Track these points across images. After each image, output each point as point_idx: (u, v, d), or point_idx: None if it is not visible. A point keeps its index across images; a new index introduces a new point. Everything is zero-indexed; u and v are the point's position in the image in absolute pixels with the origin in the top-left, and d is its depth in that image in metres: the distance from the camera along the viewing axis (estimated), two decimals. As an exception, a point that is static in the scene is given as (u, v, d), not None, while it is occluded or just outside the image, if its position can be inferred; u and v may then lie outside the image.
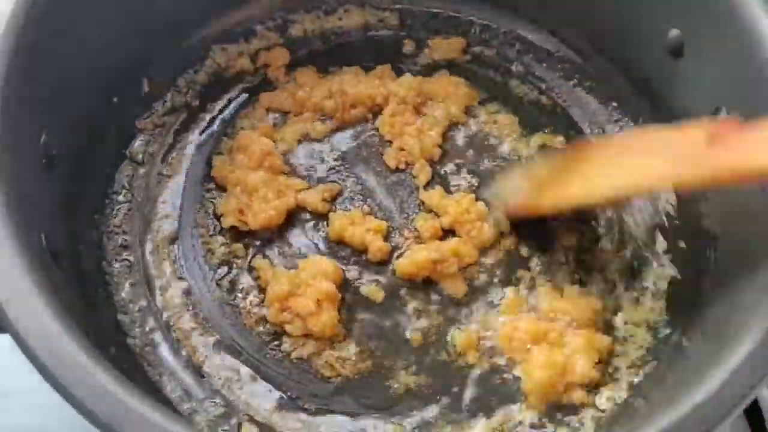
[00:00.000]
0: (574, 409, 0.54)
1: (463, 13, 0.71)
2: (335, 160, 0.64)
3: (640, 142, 0.52)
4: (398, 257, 0.59)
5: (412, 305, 0.58)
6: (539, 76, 0.68)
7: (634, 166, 0.48)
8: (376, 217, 0.60)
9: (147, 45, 0.63)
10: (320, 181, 0.62)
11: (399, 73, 0.67)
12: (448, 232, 0.60)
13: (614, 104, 0.67)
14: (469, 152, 0.64)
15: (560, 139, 0.65)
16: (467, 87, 0.67)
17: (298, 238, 0.60)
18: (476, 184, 0.62)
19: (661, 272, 0.59)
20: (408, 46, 0.69)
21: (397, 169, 0.63)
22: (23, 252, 0.43)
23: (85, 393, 0.39)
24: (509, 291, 0.58)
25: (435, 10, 0.71)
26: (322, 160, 0.63)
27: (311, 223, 0.61)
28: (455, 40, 0.70)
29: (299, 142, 0.64)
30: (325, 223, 0.60)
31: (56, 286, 0.44)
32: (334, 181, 0.62)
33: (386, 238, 0.60)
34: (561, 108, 0.67)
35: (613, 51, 0.67)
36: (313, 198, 0.61)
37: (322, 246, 0.60)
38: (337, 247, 0.60)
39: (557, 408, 0.54)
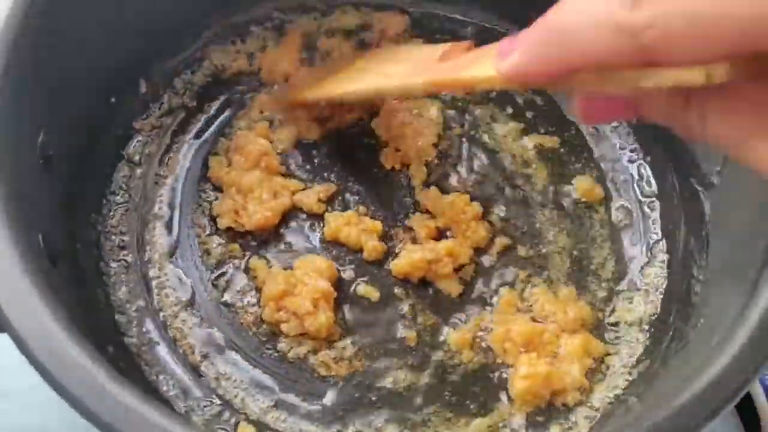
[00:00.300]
0: (567, 407, 0.54)
1: (459, 15, 0.71)
2: (331, 160, 0.64)
3: (392, 54, 0.62)
4: (394, 257, 0.59)
5: (407, 305, 0.58)
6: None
7: (384, 71, 0.57)
8: (371, 218, 0.61)
9: (146, 45, 0.63)
10: (316, 181, 0.63)
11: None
12: (443, 233, 0.60)
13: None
14: (465, 153, 0.64)
15: (556, 139, 0.65)
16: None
17: (294, 238, 0.60)
18: (472, 185, 0.63)
19: (655, 273, 0.60)
20: (404, 48, 0.69)
21: (393, 170, 0.63)
22: (23, 252, 0.43)
23: (85, 393, 0.39)
24: (504, 291, 0.58)
25: (432, 12, 0.71)
26: (318, 161, 0.64)
27: (307, 224, 0.61)
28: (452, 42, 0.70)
29: (295, 142, 0.64)
30: (320, 223, 0.61)
31: (55, 287, 0.44)
32: (330, 182, 0.63)
33: (382, 238, 0.60)
34: (557, 108, 0.67)
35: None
36: (309, 198, 0.61)
37: (317, 246, 0.60)
38: (332, 247, 0.60)
39: (550, 407, 0.54)
